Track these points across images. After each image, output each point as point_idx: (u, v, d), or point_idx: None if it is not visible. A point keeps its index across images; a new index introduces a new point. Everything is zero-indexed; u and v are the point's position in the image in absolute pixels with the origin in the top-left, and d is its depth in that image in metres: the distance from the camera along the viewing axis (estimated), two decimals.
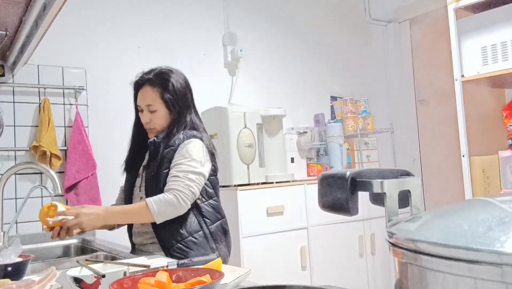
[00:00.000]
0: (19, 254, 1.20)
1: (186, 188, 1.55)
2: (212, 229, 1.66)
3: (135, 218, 1.59)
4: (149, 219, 1.55)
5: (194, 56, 2.93)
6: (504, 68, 2.02)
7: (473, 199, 0.59)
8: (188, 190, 1.55)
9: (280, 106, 2.88)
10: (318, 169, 3.01)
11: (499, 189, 2.09)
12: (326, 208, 0.65)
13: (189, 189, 1.56)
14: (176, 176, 1.57)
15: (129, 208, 1.59)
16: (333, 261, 2.78)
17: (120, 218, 1.60)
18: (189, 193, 1.56)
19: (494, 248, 0.39)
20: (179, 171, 1.58)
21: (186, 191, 1.55)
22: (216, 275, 0.88)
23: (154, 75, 1.70)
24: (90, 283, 0.97)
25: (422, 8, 3.64)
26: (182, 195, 1.54)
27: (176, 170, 1.59)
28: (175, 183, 1.56)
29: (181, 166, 1.59)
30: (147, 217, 1.54)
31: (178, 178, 1.56)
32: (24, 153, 2.36)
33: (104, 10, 2.65)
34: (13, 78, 2.35)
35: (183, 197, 1.54)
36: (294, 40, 3.39)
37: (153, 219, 1.54)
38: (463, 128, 2.16)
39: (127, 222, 1.65)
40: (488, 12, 2.11)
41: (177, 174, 1.57)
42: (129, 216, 1.59)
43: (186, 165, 1.59)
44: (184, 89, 1.72)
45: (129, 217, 1.60)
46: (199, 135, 1.68)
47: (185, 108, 1.71)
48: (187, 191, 1.55)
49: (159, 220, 1.54)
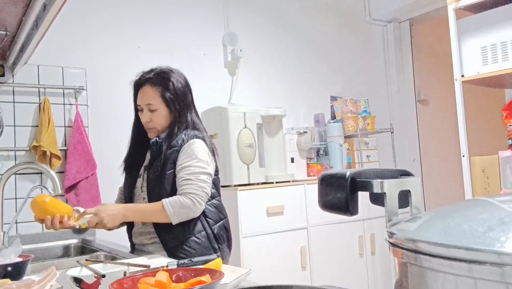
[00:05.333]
0: (19, 254, 1.20)
1: (200, 189, 1.57)
2: (215, 229, 1.66)
3: (152, 217, 1.60)
4: (165, 220, 1.57)
5: (194, 56, 2.93)
6: (504, 68, 2.02)
7: (473, 199, 0.59)
8: (202, 192, 1.58)
9: (280, 106, 2.88)
10: (318, 169, 3.01)
11: (499, 189, 2.09)
12: (326, 208, 0.65)
13: (202, 190, 1.58)
14: (188, 178, 1.58)
15: (147, 207, 1.60)
16: (333, 261, 2.78)
17: (138, 216, 1.61)
18: (204, 194, 1.58)
19: (494, 248, 0.39)
20: (190, 174, 1.59)
21: (201, 193, 1.57)
22: (216, 275, 0.88)
23: (154, 75, 1.70)
24: (90, 283, 0.97)
25: (422, 8, 3.64)
26: (198, 197, 1.56)
27: (186, 172, 1.59)
28: (189, 186, 1.57)
29: (190, 168, 1.59)
30: (164, 218, 1.56)
31: (191, 180, 1.58)
32: (24, 153, 2.36)
33: (104, 10, 2.65)
34: (13, 78, 2.35)
35: (198, 199, 1.56)
36: (294, 40, 3.39)
37: (169, 220, 1.56)
38: (463, 128, 2.16)
39: (144, 220, 1.64)
40: (488, 12, 2.11)
41: (189, 177, 1.58)
42: (146, 215, 1.60)
43: (195, 166, 1.59)
44: (184, 88, 1.72)
45: (146, 216, 1.60)
46: (201, 136, 1.68)
47: (186, 108, 1.71)
48: (201, 192, 1.57)
49: (175, 221, 1.56)
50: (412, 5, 3.57)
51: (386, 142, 3.57)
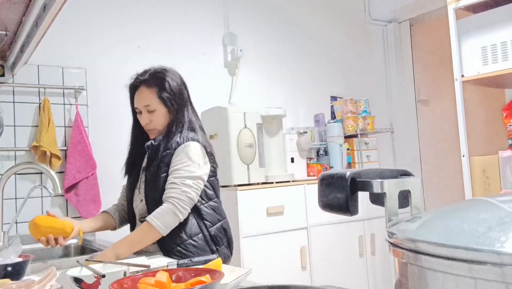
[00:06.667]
0: (19, 254, 1.20)
1: (183, 194, 1.55)
2: (213, 231, 1.66)
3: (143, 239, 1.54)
4: (156, 235, 1.53)
5: (194, 56, 2.93)
6: (504, 68, 2.02)
7: (473, 199, 0.59)
8: (185, 196, 1.55)
9: (280, 106, 2.88)
10: (318, 169, 3.01)
11: (499, 189, 2.09)
12: (326, 208, 0.65)
13: (186, 195, 1.56)
14: (173, 182, 1.57)
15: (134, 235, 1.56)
16: (333, 261, 2.78)
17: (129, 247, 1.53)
18: (187, 199, 1.56)
19: (494, 248, 0.39)
20: (176, 177, 1.58)
21: (183, 198, 1.55)
22: (216, 275, 0.88)
23: (149, 76, 1.69)
24: (90, 283, 0.97)
25: (422, 8, 3.64)
26: (180, 202, 1.54)
27: (173, 176, 1.59)
28: (172, 191, 1.56)
29: (178, 171, 1.59)
30: (154, 234, 1.53)
31: (175, 184, 1.57)
32: (24, 153, 2.36)
33: (104, 10, 2.65)
34: (13, 78, 2.35)
35: (181, 204, 1.54)
36: (294, 40, 3.39)
37: (160, 235, 1.53)
38: (463, 128, 2.16)
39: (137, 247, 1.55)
40: (488, 12, 2.11)
41: (174, 181, 1.57)
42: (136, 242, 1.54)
43: (183, 170, 1.58)
44: (180, 86, 1.72)
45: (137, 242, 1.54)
46: (196, 138, 1.67)
47: (183, 106, 1.71)
48: (184, 197, 1.55)
49: (166, 232, 1.54)
50: (412, 5, 3.57)
51: (386, 142, 3.58)
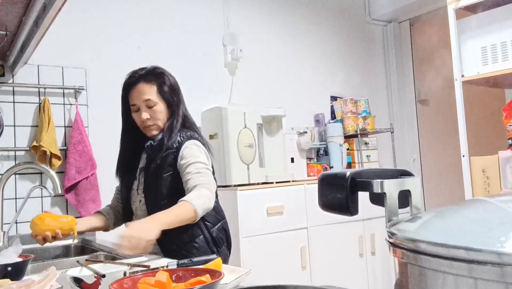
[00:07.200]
0: (19, 254, 1.20)
1: (211, 182, 1.57)
2: (214, 232, 1.65)
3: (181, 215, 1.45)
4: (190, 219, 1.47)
5: (194, 56, 2.93)
6: (504, 68, 2.02)
7: (473, 199, 0.59)
8: (213, 185, 1.57)
9: (280, 106, 2.88)
10: (318, 169, 3.01)
11: (499, 189, 2.09)
12: (326, 208, 0.65)
13: (213, 183, 1.58)
14: (198, 172, 1.56)
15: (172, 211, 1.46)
16: (333, 261, 2.78)
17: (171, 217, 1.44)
18: (214, 187, 1.58)
19: (494, 248, 0.39)
20: (199, 168, 1.57)
21: (213, 185, 1.57)
22: (216, 275, 0.88)
23: (146, 72, 1.70)
24: (90, 283, 0.97)
25: (422, 8, 3.64)
26: (212, 187, 1.55)
27: (195, 167, 1.57)
28: (201, 179, 1.54)
29: (197, 164, 1.58)
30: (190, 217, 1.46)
31: (201, 174, 1.56)
32: (24, 153, 2.35)
33: (104, 10, 2.65)
34: (13, 78, 2.35)
35: (212, 189, 1.55)
36: (294, 40, 3.39)
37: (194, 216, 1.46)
38: (463, 128, 2.16)
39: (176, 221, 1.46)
40: (488, 12, 2.11)
41: (199, 170, 1.56)
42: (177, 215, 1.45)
43: (202, 164, 1.59)
44: (177, 84, 1.75)
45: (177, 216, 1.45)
46: (196, 135, 1.68)
47: (180, 103, 1.73)
48: (213, 185, 1.57)
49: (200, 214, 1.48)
50: (412, 5, 3.57)
51: (386, 142, 3.57)
